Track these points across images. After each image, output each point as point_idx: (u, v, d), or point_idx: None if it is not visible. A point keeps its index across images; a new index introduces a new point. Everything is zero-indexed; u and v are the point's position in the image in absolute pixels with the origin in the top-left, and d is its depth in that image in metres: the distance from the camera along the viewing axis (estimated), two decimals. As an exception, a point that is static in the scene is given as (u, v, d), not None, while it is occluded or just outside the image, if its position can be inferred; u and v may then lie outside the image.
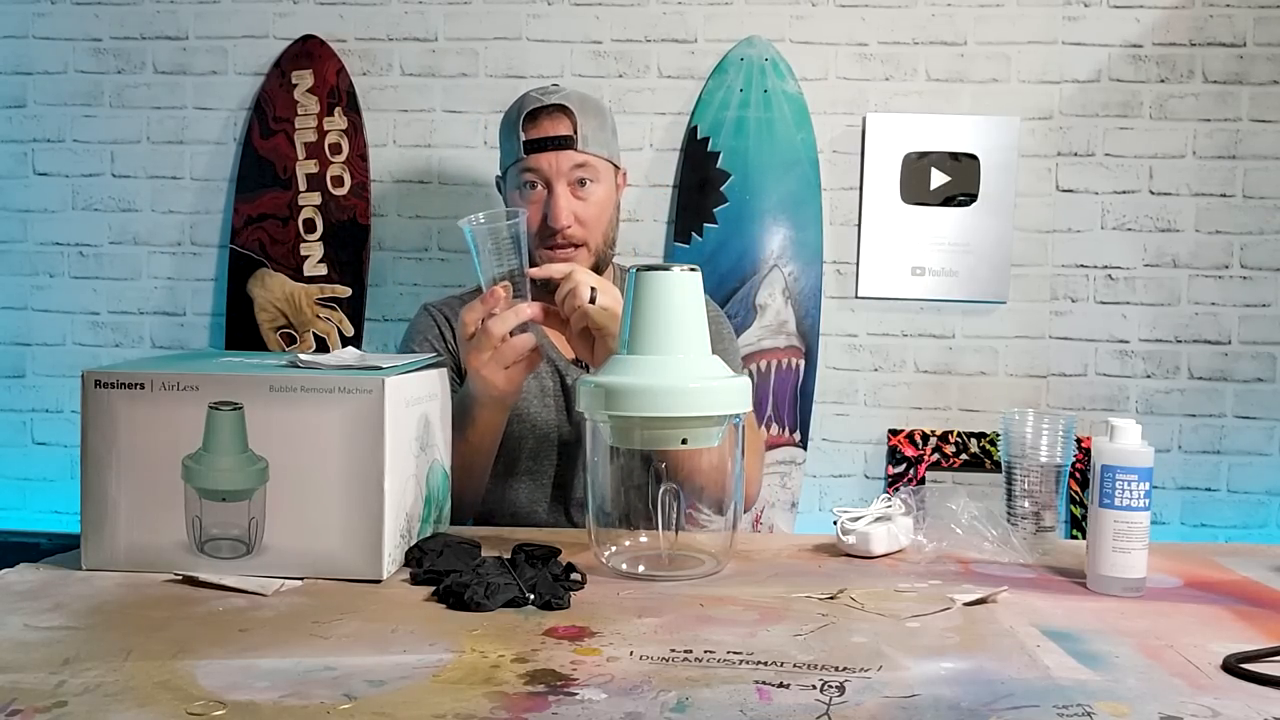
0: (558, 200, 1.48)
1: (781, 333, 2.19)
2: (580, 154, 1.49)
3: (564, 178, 1.49)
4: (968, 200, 2.20)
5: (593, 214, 1.51)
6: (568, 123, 1.49)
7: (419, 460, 1.17)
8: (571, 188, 1.49)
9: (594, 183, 1.51)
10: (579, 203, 1.50)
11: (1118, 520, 1.07)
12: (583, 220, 1.50)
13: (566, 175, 1.49)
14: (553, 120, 1.50)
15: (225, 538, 1.07)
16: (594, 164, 1.51)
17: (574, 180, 1.49)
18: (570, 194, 1.49)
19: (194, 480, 1.07)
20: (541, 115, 1.50)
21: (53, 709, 0.73)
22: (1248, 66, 2.17)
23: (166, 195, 2.32)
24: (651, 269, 1.14)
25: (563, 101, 1.51)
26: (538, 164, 1.49)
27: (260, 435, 1.07)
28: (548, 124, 1.49)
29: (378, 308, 2.28)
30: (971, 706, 0.77)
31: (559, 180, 1.49)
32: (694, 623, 0.96)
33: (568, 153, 1.49)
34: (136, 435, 1.07)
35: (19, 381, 2.35)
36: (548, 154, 1.49)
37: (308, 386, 1.06)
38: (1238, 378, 2.20)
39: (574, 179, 1.49)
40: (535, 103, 1.51)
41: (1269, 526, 2.20)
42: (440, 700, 0.76)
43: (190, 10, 2.29)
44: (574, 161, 1.49)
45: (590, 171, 1.50)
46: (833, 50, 2.22)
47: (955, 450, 2.21)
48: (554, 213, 1.48)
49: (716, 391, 1.10)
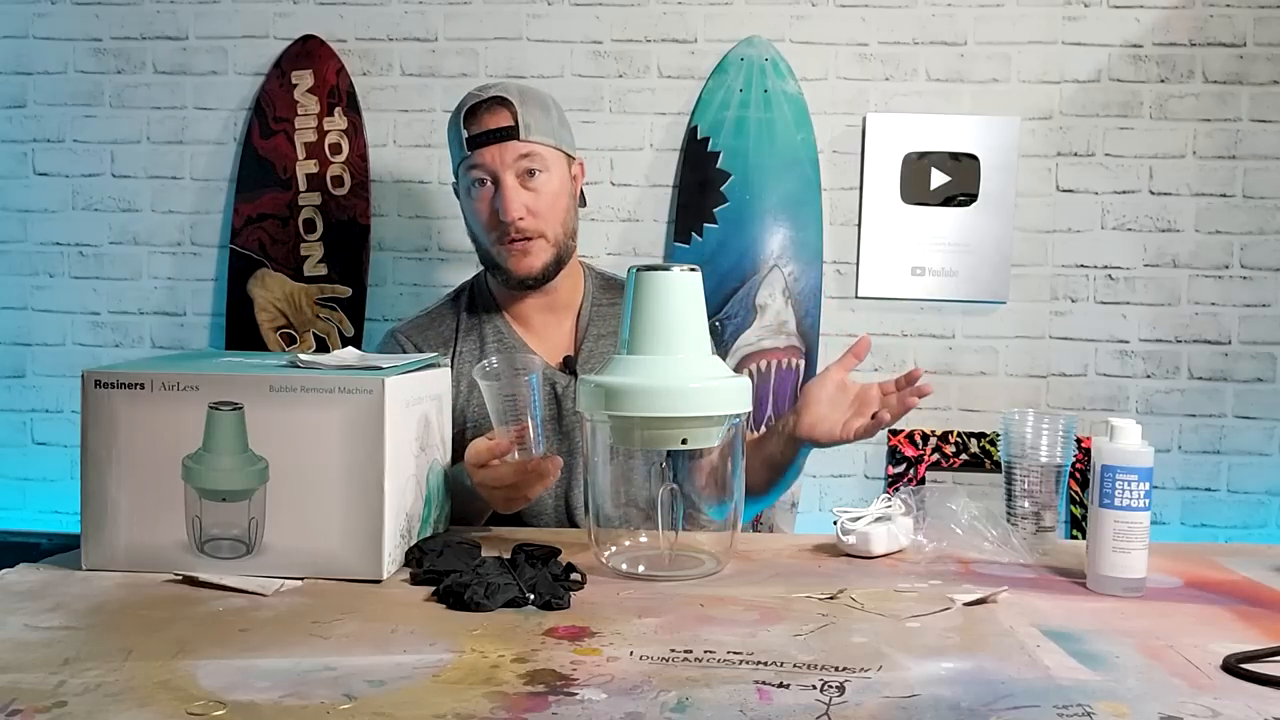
0: (506, 192, 1.45)
1: (781, 333, 2.19)
2: (524, 143, 1.46)
3: (510, 169, 1.46)
4: (968, 200, 2.20)
5: (545, 204, 1.48)
6: (508, 114, 1.46)
7: (419, 460, 1.17)
8: (520, 179, 1.46)
9: (543, 173, 1.47)
10: (529, 194, 1.46)
11: (1118, 520, 1.07)
12: (535, 211, 1.47)
13: (513, 167, 1.46)
14: (492, 113, 1.47)
15: (225, 538, 1.07)
16: (540, 153, 1.47)
17: (521, 171, 1.46)
18: (519, 185, 1.46)
19: (194, 480, 1.07)
20: (481, 110, 1.47)
21: (53, 709, 0.73)
22: (1248, 66, 2.17)
23: (166, 195, 2.32)
24: (651, 269, 1.14)
25: (500, 94, 1.48)
26: (481, 159, 1.46)
27: (260, 435, 1.07)
28: (487, 118, 1.47)
29: (378, 308, 2.28)
30: (971, 706, 0.77)
31: (505, 171, 1.45)
32: (694, 623, 0.96)
33: (511, 144, 1.45)
34: (136, 435, 1.08)
35: (19, 381, 2.35)
36: (490, 147, 1.45)
37: (308, 386, 1.07)
38: (1238, 378, 2.20)
39: (521, 170, 1.46)
40: (474, 99, 1.49)
41: (1269, 526, 2.20)
42: (440, 700, 0.76)
43: (190, 10, 2.29)
44: (518, 152, 1.46)
45: (538, 161, 1.47)
46: (833, 50, 2.22)
47: (955, 450, 2.21)
48: (504, 206, 1.45)
49: (717, 391, 1.10)
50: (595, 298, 1.58)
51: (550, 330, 1.56)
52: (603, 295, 1.59)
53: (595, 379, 1.12)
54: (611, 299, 1.59)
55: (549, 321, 1.56)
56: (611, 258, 2.21)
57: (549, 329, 1.56)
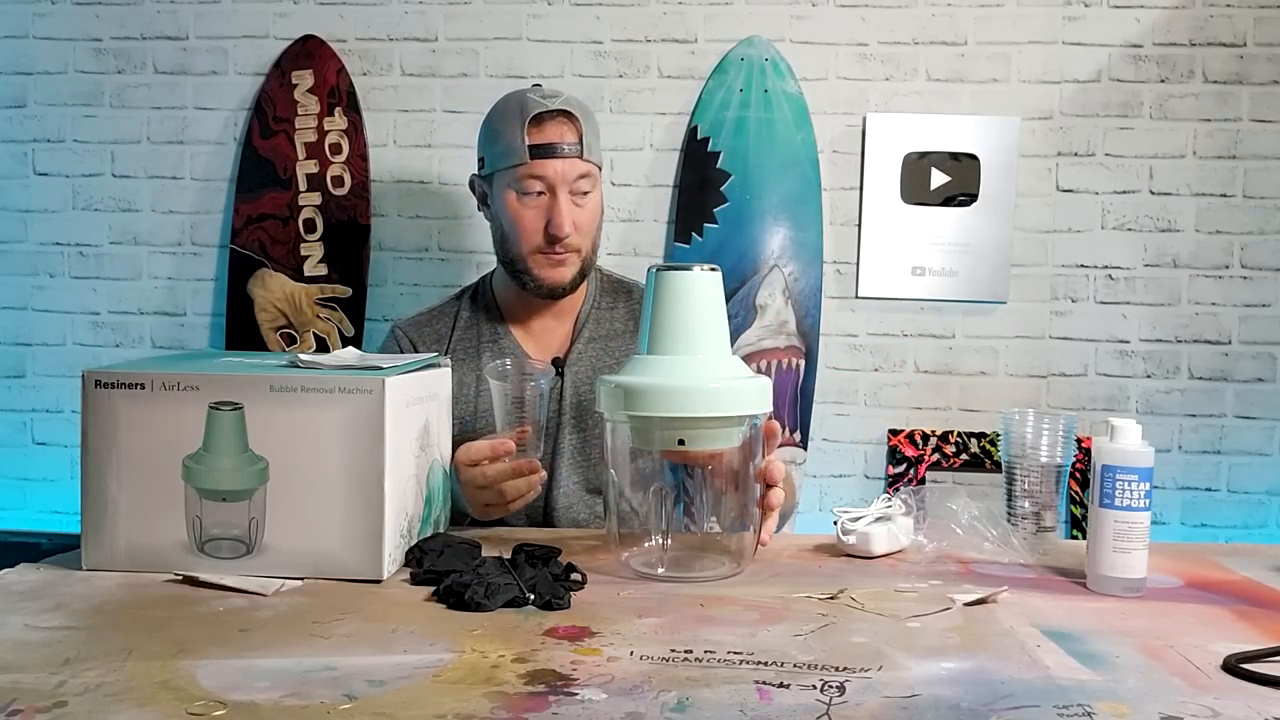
0: (560, 208, 1.46)
1: (782, 333, 2.19)
2: (585, 163, 1.48)
3: (567, 186, 1.47)
4: (968, 200, 2.20)
5: (588, 221, 1.50)
6: (573, 130, 1.47)
7: (419, 460, 1.17)
8: (573, 196, 1.48)
9: (591, 192, 1.50)
10: (578, 210, 1.48)
11: (1118, 520, 1.07)
12: (580, 228, 1.49)
13: (570, 184, 1.47)
14: (558, 126, 1.47)
15: (225, 538, 1.07)
16: (594, 173, 1.50)
17: (577, 189, 1.48)
18: (572, 202, 1.48)
19: (194, 480, 1.07)
20: (547, 120, 1.47)
21: (53, 709, 0.73)
22: (1248, 66, 2.17)
23: (167, 195, 2.32)
24: (672, 269, 1.13)
25: (565, 107, 1.48)
26: (544, 171, 1.46)
27: (261, 435, 1.07)
28: (553, 130, 1.47)
29: (378, 308, 2.28)
30: (971, 706, 0.77)
31: (563, 187, 1.47)
32: (694, 623, 0.96)
33: (574, 161, 1.47)
34: (137, 435, 1.08)
35: (19, 381, 2.35)
36: (555, 161, 1.46)
37: (308, 386, 1.07)
38: (1238, 378, 2.20)
39: (577, 188, 1.48)
40: (539, 106, 1.48)
41: (1269, 526, 2.20)
42: (440, 700, 0.76)
43: (190, 10, 2.29)
44: (579, 171, 1.47)
45: (589, 182, 1.49)
46: (833, 50, 2.22)
47: (955, 450, 2.21)
48: (557, 221, 1.46)
49: (736, 392, 1.10)
50: (596, 301, 1.59)
51: (546, 333, 1.56)
52: (604, 299, 1.59)
53: (615, 379, 1.11)
54: (611, 303, 1.59)
55: (549, 325, 1.56)
56: (612, 258, 2.21)
57: (546, 331, 1.56)
